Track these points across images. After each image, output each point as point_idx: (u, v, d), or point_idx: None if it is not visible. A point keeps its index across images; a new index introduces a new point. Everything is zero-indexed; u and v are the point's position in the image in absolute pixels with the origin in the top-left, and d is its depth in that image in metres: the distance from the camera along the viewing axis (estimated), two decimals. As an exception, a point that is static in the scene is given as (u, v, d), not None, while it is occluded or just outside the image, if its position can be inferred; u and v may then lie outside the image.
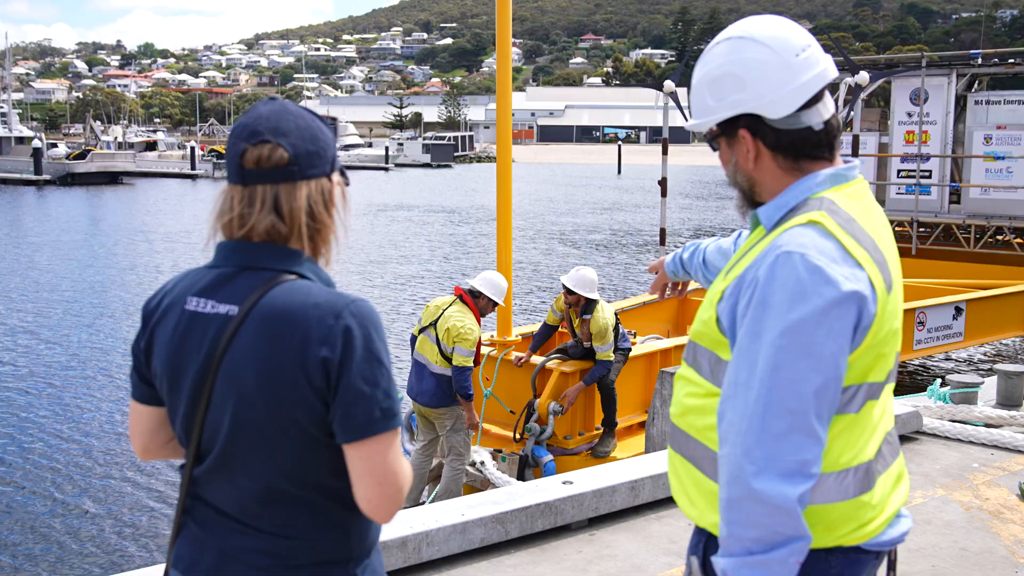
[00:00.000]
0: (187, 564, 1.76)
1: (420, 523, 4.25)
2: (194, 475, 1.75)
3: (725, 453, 1.74)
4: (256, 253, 1.72)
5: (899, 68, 15.27)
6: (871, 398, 1.85)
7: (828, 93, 1.89)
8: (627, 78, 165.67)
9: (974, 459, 5.76)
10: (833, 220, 1.78)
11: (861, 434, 1.84)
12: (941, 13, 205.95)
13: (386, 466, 1.65)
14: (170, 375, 1.74)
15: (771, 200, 1.90)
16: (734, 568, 1.72)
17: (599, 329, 7.40)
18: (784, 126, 1.84)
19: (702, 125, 1.94)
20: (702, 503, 1.91)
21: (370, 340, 1.65)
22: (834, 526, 1.82)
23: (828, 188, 1.85)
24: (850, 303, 1.71)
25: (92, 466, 10.19)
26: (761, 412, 1.69)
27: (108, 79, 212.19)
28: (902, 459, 2.00)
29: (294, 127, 1.73)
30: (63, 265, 25.10)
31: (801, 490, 1.68)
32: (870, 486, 1.85)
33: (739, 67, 1.86)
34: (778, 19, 1.91)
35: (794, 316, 1.68)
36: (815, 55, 1.86)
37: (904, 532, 1.94)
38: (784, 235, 1.78)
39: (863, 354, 1.78)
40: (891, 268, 1.83)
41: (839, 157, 1.92)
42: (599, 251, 28.96)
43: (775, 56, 1.84)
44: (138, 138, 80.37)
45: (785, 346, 1.69)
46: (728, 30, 1.94)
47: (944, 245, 14.15)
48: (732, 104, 1.87)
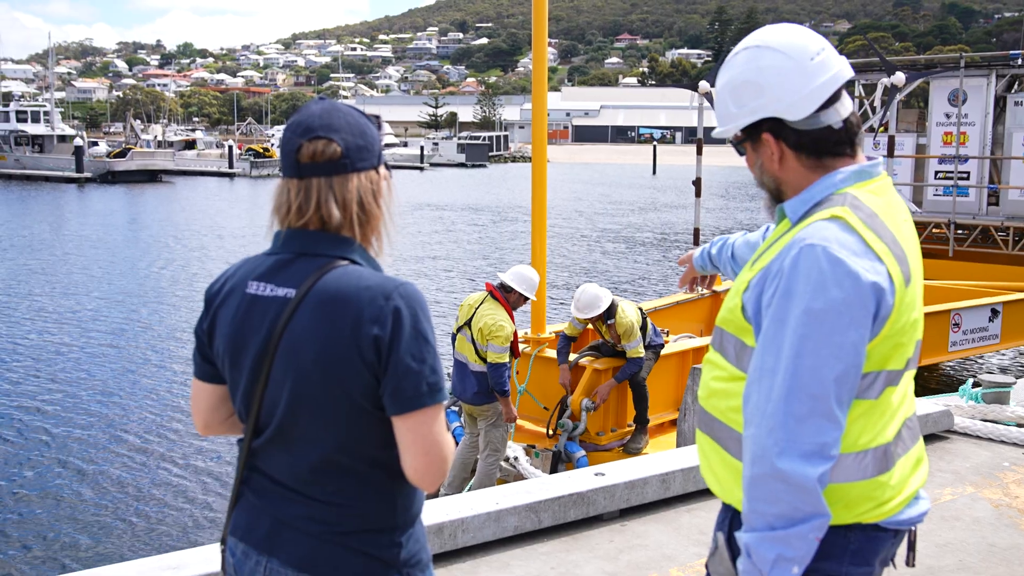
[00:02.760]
0: (244, 531, 1.90)
1: (456, 510, 4.37)
2: (252, 447, 1.88)
3: (750, 434, 1.84)
4: (312, 241, 1.85)
5: (937, 69, 15.16)
6: (890, 384, 1.94)
7: (845, 92, 1.99)
8: (663, 78, 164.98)
9: (1005, 458, 5.78)
10: (855, 215, 1.87)
11: (880, 418, 1.93)
12: (983, 13, 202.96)
13: (432, 437, 1.78)
14: (232, 354, 1.88)
15: (796, 195, 2.00)
16: (756, 543, 1.82)
17: (624, 329, 7.50)
18: (805, 126, 1.94)
19: (727, 131, 2.05)
20: (728, 480, 2.01)
21: (417, 320, 1.78)
22: (853, 504, 1.91)
23: (852, 184, 1.95)
24: (870, 294, 1.80)
25: (150, 447, 10.56)
26: (784, 396, 1.79)
27: (148, 78, 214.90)
28: (922, 444, 2.07)
29: (344, 124, 1.86)
30: (110, 258, 25.58)
31: (821, 470, 1.78)
32: (888, 467, 1.93)
33: (757, 74, 1.97)
34: (792, 26, 2.03)
35: (817, 306, 1.78)
36: (829, 58, 1.96)
37: (922, 513, 2.02)
38: (808, 228, 1.87)
39: (881, 343, 1.87)
40: (910, 262, 1.91)
41: (861, 153, 2.01)
42: (633, 250, 28.97)
43: (791, 61, 1.94)
44: (177, 137, 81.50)
45: (808, 334, 1.78)
46: (746, 40, 2.06)
47: (982, 247, 14.03)
48: (753, 110, 1.98)
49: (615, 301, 7.59)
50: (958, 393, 6.73)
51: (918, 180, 15.09)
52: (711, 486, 2.09)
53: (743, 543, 1.86)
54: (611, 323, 7.56)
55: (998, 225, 13.83)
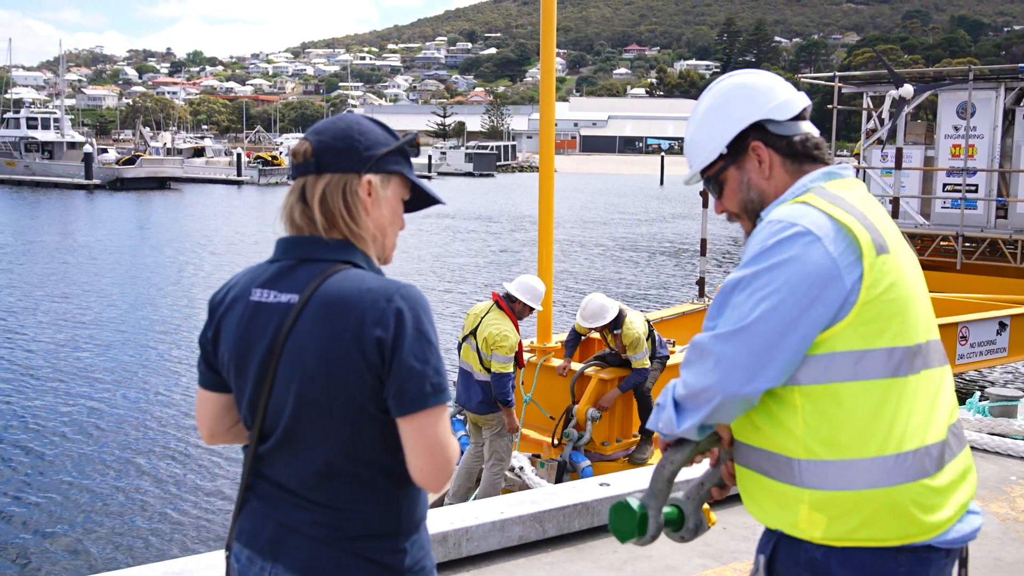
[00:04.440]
0: (249, 536, 1.90)
1: (460, 519, 4.38)
2: (258, 452, 1.89)
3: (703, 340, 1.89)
4: (312, 246, 1.88)
5: (946, 81, 15.15)
6: (924, 366, 1.88)
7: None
8: (671, 89, 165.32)
9: (1012, 472, 5.76)
10: (819, 198, 1.92)
11: (918, 409, 1.85)
12: (992, 26, 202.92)
13: (436, 437, 1.79)
14: (237, 361, 1.89)
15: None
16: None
17: (631, 340, 7.51)
18: (788, 132, 2.04)
19: (717, 149, 2.08)
20: (769, 504, 1.94)
21: (419, 321, 1.79)
22: (900, 512, 1.82)
23: (821, 182, 2.01)
24: (828, 251, 1.82)
25: (153, 454, 10.58)
26: (746, 338, 1.83)
27: (157, 86, 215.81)
28: (969, 453, 1.98)
29: (331, 127, 1.91)
30: (119, 264, 25.66)
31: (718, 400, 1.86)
32: (934, 470, 1.84)
33: (738, 90, 2.09)
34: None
35: (776, 259, 1.83)
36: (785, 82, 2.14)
37: (975, 529, 1.91)
38: (772, 212, 1.97)
39: (862, 311, 1.82)
40: (883, 235, 1.89)
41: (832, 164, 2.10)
42: (640, 261, 28.96)
43: (770, 78, 2.11)
44: (186, 144, 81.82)
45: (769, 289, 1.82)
46: (706, 91, 2.19)
47: (990, 260, 13.99)
48: (741, 118, 2.05)
49: (623, 311, 7.59)
50: (965, 406, 6.72)
51: (926, 192, 15.06)
52: (754, 514, 2.01)
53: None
54: (618, 333, 7.57)
55: (1006, 238, 13.79)
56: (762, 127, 2.03)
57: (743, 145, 2.04)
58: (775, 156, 2.03)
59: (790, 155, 2.03)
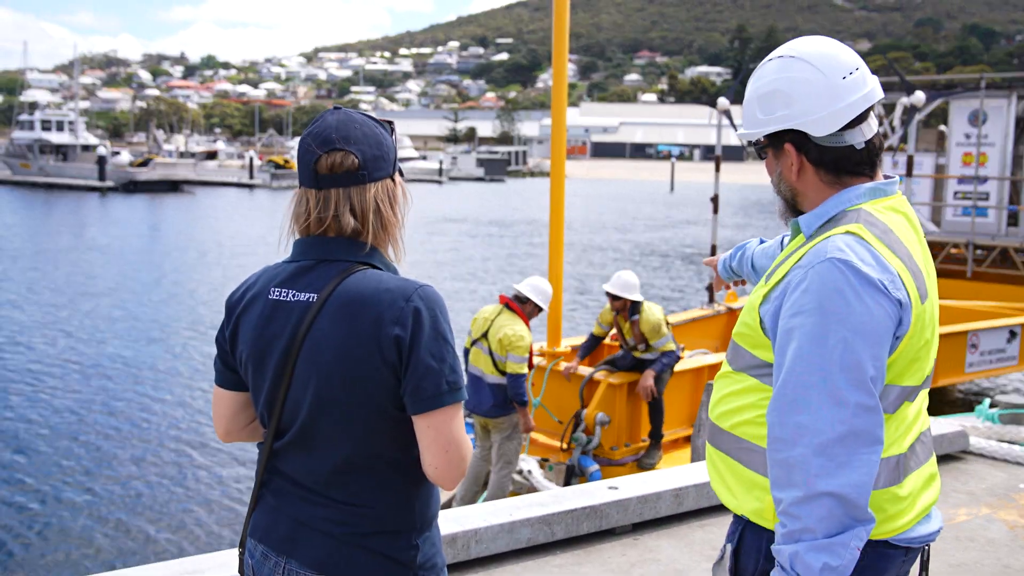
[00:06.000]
0: (263, 532, 1.94)
1: (469, 521, 4.40)
2: (274, 449, 1.93)
3: (798, 454, 1.79)
4: (331, 247, 1.91)
5: (957, 89, 15.14)
6: (907, 400, 1.95)
7: (872, 113, 2.00)
8: (682, 95, 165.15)
9: (1021, 479, 5.76)
10: (869, 232, 1.88)
11: (895, 431, 1.94)
12: (1004, 34, 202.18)
13: (451, 435, 1.83)
14: (255, 358, 1.92)
15: (811, 210, 2.02)
16: (803, 551, 1.79)
17: (651, 327, 7.57)
18: (827, 143, 1.96)
19: (751, 135, 2.06)
20: (741, 492, 2.02)
21: (436, 320, 1.83)
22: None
23: (866, 201, 1.96)
24: (894, 306, 1.82)
25: (168, 453, 10.67)
26: (833, 412, 1.78)
27: (171, 89, 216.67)
28: (935, 461, 2.07)
29: (361, 135, 1.91)
30: (132, 265, 25.79)
31: (871, 477, 1.79)
32: (899, 479, 1.93)
33: (787, 85, 1.97)
34: (829, 40, 2.02)
35: (853, 320, 1.79)
36: (862, 77, 1.96)
37: (934, 531, 2.00)
38: (826, 242, 1.88)
39: (899, 357, 1.88)
40: (925, 278, 1.93)
41: (880, 173, 2.03)
42: (650, 267, 28.95)
43: (822, 77, 1.94)
44: (199, 147, 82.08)
45: (848, 349, 1.78)
46: (781, 48, 2.05)
47: (1001, 268, 13.97)
48: (779, 119, 1.98)
49: (643, 300, 7.71)
50: (974, 413, 6.71)
51: (937, 200, 15.05)
52: (722, 498, 2.09)
53: (787, 555, 1.81)
54: (636, 319, 7.64)
55: (1017, 246, 13.77)
56: (800, 131, 1.96)
57: (780, 141, 2.01)
58: (807, 164, 1.99)
59: (824, 166, 1.97)
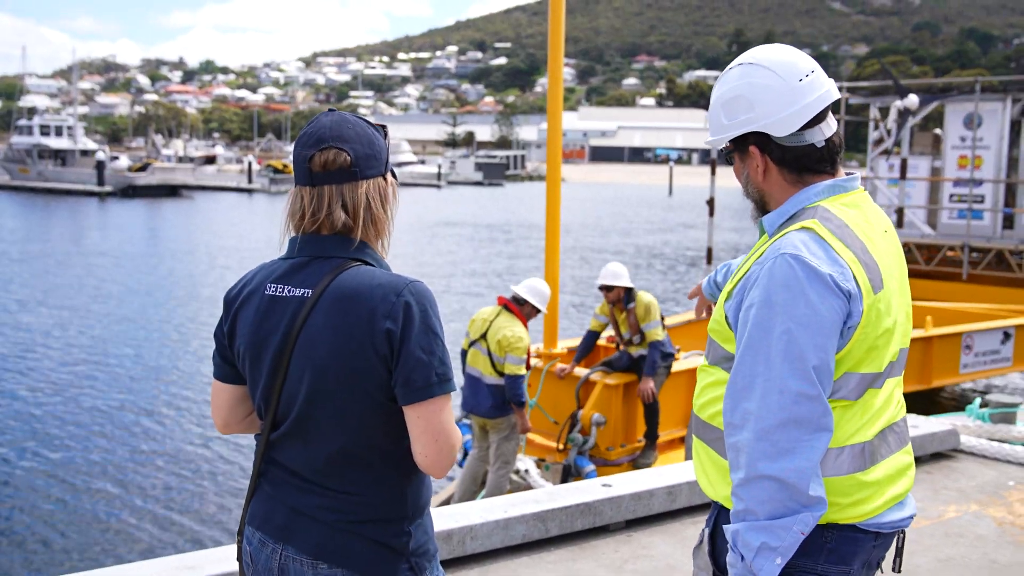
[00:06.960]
0: (261, 520, 2.01)
1: (465, 518, 4.46)
2: (270, 439, 2.00)
3: (743, 438, 1.91)
4: (325, 244, 1.98)
5: (952, 92, 15.24)
6: (871, 387, 2.02)
7: (831, 113, 2.11)
8: (680, 99, 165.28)
9: (1010, 477, 5.82)
10: (824, 227, 1.99)
11: (860, 418, 2.01)
12: (1002, 38, 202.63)
13: (441, 425, 1.90)
14: (252, 352, 2.00)
15: (776, 209, 2.13)
16: (743, 530, 1.92)
17: (645, 307, 7.73)
18: (789, 143, 2.07)
19: (718, 142, 2.17)
20: (716, 478, 2.12)
21: (426, 315, 1.90)
22: (829, 500, 1.97)
23: (824, 198, 2.07)
24: (840, 299, 1.91)
25: (167, 450, 10.75)
26: (777, 399, 1.89)
27: (170, 94, 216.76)
28: (910, 450, 2.14)
29: (354, 134, 1.99)
30: (130, 269, 25.86)
31: (814, 461, 1.88)
32: (866, 465, 2.00)
33: (749, 90, 2.08)
34: (786, 47, 2.14)
35: (798, 312, 1.90)
36: (818, 79, 2.08)
37: (906, 517, 2.08)
38: (783, 240, 1.99)
39: (854, 347, 1.96)
40: (881, 270, 2.01)
41: (842, 171, 2.14)
42: (647, 269, 29.03)
43: (781, 80, 2.06)
44: (198, 152, 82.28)
45: (793, 339, 1.89)
46: (742, 56, 2.17)
47: (996, 271, 14.05)
48: (742, 123, 2.10)
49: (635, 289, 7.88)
50: (965, 412, 6.78)
51: (933, 203, 15.14)
52: (702, 485, 2.19)
53: (730, 533, 1.94)
54: (631, 307, 7.72)
55: (1013, 249, 13.85)
56: (763, 133, 2.07)
57: (745, 144, 2.11)
58: (771, 163, 2.09)
59: (787, 165, 2.08)
